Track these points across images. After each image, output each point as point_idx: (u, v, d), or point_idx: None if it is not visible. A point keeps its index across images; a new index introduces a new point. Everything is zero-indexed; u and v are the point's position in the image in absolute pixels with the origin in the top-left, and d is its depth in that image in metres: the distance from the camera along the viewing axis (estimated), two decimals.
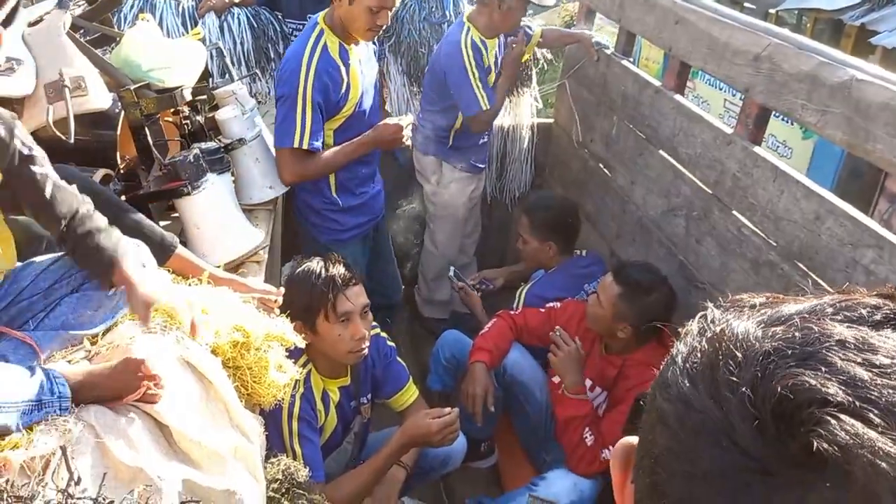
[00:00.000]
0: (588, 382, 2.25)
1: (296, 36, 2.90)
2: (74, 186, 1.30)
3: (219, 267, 1.79)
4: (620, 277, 2.18)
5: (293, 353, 1.69)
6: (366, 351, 1.92)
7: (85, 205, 1.27)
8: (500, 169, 3.40)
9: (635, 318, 2.13)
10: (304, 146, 2.20)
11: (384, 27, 2.25)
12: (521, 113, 3.36)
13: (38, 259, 1.30)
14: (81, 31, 2.19)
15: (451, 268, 2.93)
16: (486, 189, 3.30)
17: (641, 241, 2.64)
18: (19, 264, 1.29)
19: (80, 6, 2.33)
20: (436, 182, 3.06)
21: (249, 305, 1.64)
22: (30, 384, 1.10)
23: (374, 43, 2.53)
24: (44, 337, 1.26)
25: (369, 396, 2.12)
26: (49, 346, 1.24)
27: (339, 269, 1.88)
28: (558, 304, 2.45)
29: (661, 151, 2.53)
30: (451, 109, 2.86)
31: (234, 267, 1.95)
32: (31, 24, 1.94)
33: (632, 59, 2.91)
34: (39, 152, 1.23)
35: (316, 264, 1.89)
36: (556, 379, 2.30)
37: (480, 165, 3.11)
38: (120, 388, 1.17)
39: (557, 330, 2.26)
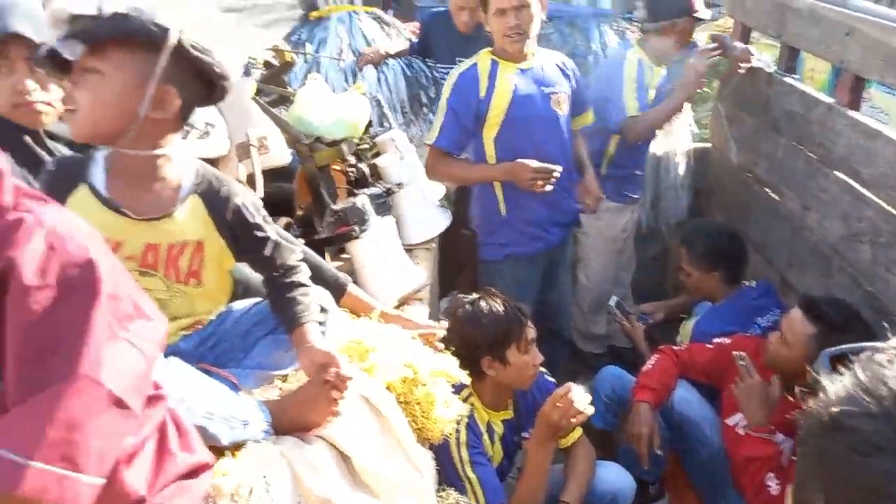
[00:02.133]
0: None
1: (442, 79, 3.06)
2: (290, 241, 1.44)
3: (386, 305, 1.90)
4: (813, 315, 1.98)
5: (455, 389, 1.74)
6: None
7: (294, 256, 1.39)
8: (655, 197, 3.29)
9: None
10: (431, 143, 2.45)
11: (521, 29, 2.32)
12: (676, 137, 3.25)
13: (237, 304, 1.45)
14: (261, 94, 2.44)
15: (613, 297, 2.87)
16: (640, 218, 3.21)
17: (819, 269, 2.43)
18: (222, 308, 1.45)
19: (258, 70, 2.61)
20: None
21: (416, 342, 1.72)
22: (236, 401, 1.21)
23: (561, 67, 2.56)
24: (242, 374, 1.39)
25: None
26: (247, 384, 1.37)
27: (511, 302, 1.96)
28: (727, 340, 2.31)
29: (836, 173, 2.33)
30: (600, 132, 2.84)
31: (400, 304, 2.05)
32: None
33: (797, 77, 2.73)
34: (264, 213, 1.38)
35: (486, 301, 1.95)
36: (730, 421, 2.15)
37: (634, 196, 3.04)
38: (309, 411, 1.26)
39: (743, 357, 2.10)
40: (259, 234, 1.34)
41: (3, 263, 0.68)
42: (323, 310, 1.43)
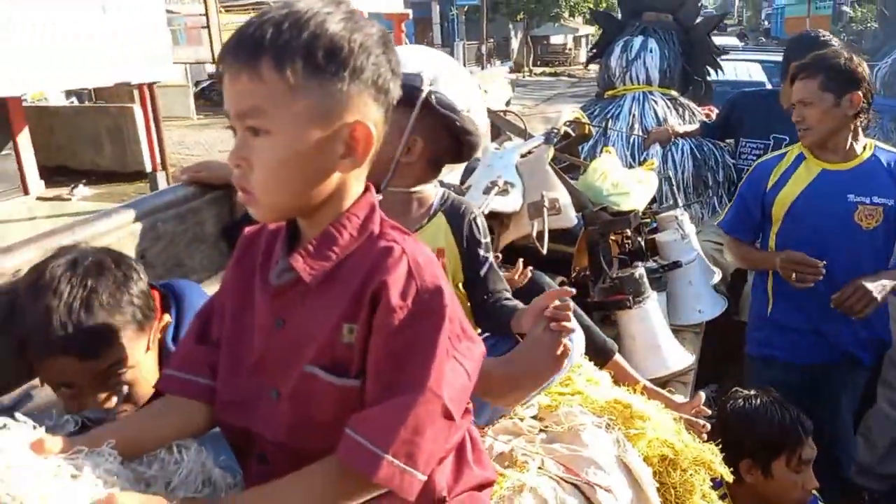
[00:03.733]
0: None
1: (749, 156, 3.00)
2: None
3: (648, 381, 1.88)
4: None
5: (714, 485, 1.65)
6: None
7: (504, 286, 1.49)
8: None
9: None
10: (718, 222, 2.46)
11: (805, 125, 2.20)
12: None
13: None
14: (555, 161, 2.61)
15: None
16: None
17: None
18: None
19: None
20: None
21: (680, 425, 1.67)
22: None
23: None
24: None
25: None
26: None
27: (795, 412, 1.81)
28: None
29: None
30: None
31: (661, 384, 2.01)
32: (523, 155, 2.41)
33: None
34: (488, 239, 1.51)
35: (765, 401, 1.84)
36: None
37: None
38: (539, 356, 1.25)
39: None
40: (481, 251, 1.46)
41: (377, 285, 0.82)
42: None
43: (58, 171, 11.47)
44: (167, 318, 1.17)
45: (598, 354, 1.79)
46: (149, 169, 11.16)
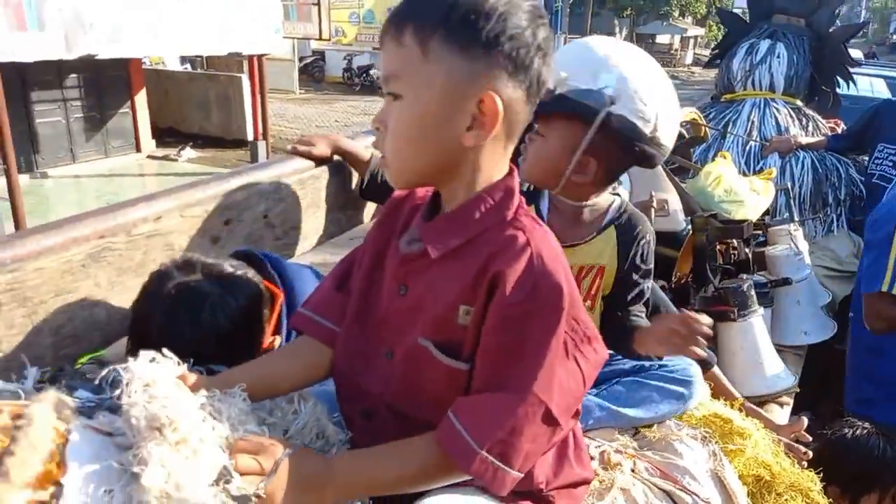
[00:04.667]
0: None
1: (884, 162, 2.79)
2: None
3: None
4: None
5: None
6: None
7: (642, 310, 1.45)
8: None
9: None
10: (886, 289, 2.02)
11: None
12: None
13: None
14: (666, 161, 2.53)
15: None
16: None
17: None
18: None
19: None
20: None
21: (778, 447, 1.60)
22: None
23: None
24: None
25: None
26: None
27: None
28: None
29: None
30: None
31: (758, 403, 1.92)
32: None
33: None
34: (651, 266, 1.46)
35: (870, 433, 1.73)
36: None
37: None
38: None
39: None
40: (636, 276, 1.41)
41: (496, 273, 0.81)
42: None
43: (168, 132, 12.15)
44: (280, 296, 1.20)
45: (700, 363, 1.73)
46: (250, 137, 11.63)
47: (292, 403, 0.93)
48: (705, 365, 1.77)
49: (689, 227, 2.12)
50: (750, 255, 2.30)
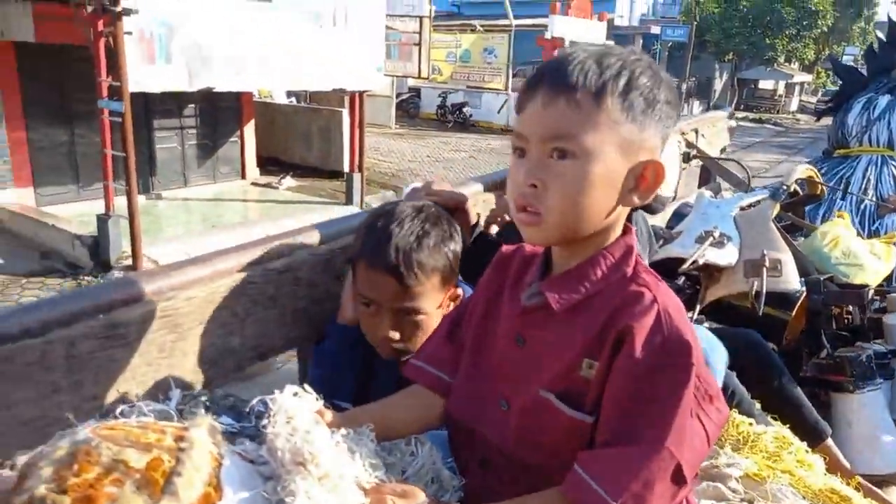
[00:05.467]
0: None
1: None
2: None
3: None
4: None
5: None
6: None
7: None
8: None
9: None
10: None
11: None
12: None
13: None
14: (776, 219, 2.45)
15: None
16: None
17: None
18: None
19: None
20: None
21: None
22: None
23: None
24: None
25: None
26: None
27: None
28: None
29: None
30: None
31: (876, 483, 1.80)
32: (742, 208, 2.29)
33: None
34: None
35: None
36: None
37: None
38: None
39: None
40: None
41: (623, 328, 0.83)
42: None
43: (270, 160, 12.79)
44: (460, 292, 1.26)
45: (809, 435, 1.65)
46: (347, 169, 12.09)
47: (409, 446, 0.97)
48: (819, 436, 1.69)
49: (803, 288, 2.04)
50: (866, 323, 2.18)
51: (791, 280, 2.05)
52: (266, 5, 8.76)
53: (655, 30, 29.25)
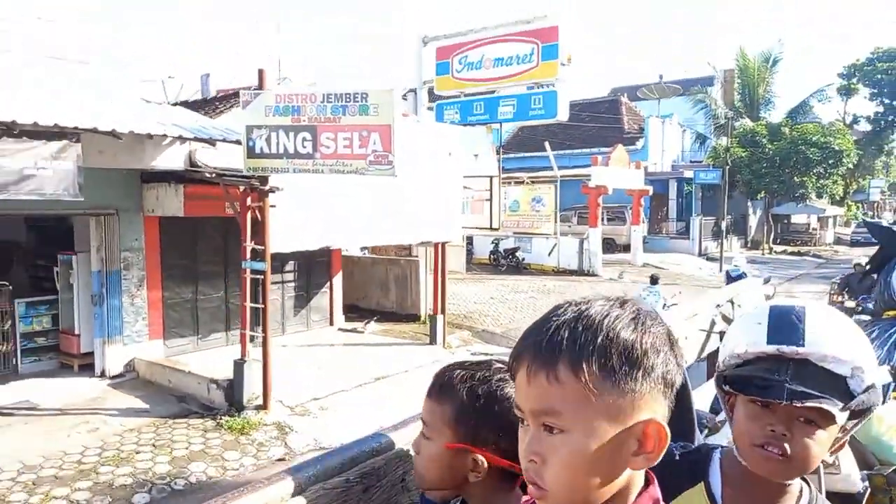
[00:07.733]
0: None
1: None
2: None
3: None
4: None
5: None
6: None
7: None
8: None
9: None
10: None
11: None
12: None
13: None
14: None
15: None
16: None
17: None
18: None
19: None
20: None
21: None
22: None
23: None
24: None
25: None
26: None
27: None
28: None
29: None
30: None
31: None
32: None
33: None
34: None
35: None
36: None
37: None
38: None
39: None
40: None
41: None
42: None
43: (350, 308, 14.19)
44: None
45: None
46: (422, 312, 13.39)
47: None
48: None
49: (866, 483, 1.71)
50: None
51: (852, 481, 1.70)
52: (369, 180, 10.42)
53: (688, 173, 30.91)
